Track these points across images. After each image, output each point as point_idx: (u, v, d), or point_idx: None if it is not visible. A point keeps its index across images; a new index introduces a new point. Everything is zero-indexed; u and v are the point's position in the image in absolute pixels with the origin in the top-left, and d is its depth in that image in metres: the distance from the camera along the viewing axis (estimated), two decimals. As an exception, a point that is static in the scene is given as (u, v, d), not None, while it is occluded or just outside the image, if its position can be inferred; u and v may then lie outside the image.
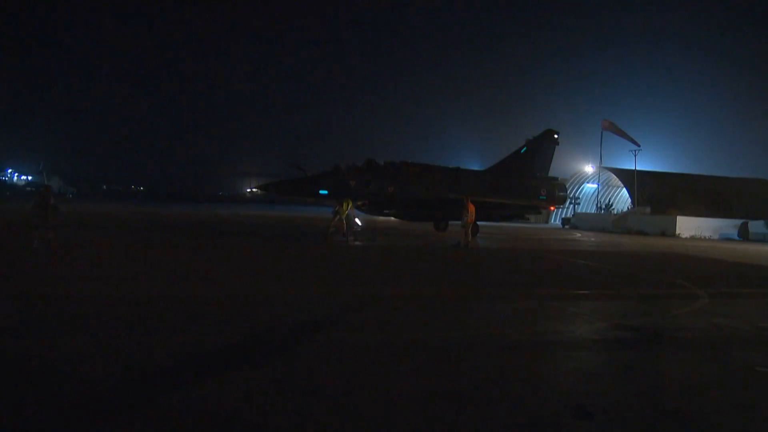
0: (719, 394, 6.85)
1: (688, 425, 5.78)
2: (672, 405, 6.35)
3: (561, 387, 6.86)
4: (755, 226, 54.39)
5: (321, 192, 33.61)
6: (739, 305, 13.97)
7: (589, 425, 5.59)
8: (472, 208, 28.32)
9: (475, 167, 46.70)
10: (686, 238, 51.48)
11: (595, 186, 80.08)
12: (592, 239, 44.36)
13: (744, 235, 54.07)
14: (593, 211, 75.23)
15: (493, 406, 6.00)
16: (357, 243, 27.82)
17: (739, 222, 55.74)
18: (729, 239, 53.07)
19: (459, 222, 29.58)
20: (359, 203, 35.25)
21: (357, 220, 31.67)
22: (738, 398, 6.71)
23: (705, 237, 53.30)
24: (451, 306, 12.25)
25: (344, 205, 28.44)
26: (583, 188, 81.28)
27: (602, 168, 76.12)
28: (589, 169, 78.70)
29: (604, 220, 66.95)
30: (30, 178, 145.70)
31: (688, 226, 54.88)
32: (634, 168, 71.17)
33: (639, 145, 73.09)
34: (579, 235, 51.64)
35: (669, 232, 54.42)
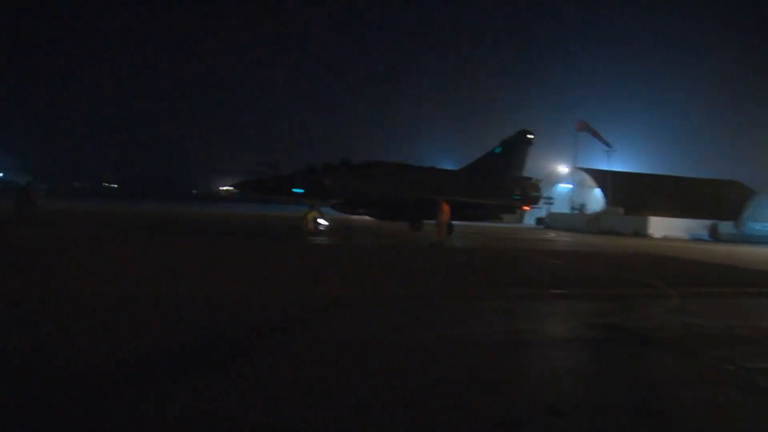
0: (690, 392, 6.88)
1: (659, 422, 5.81)
2: (643, 403, 6.37)
3: (535, 386, 6.85)
4: (725, 227, 55.26)
5: (296, 191, 33.47)
6: (710, 304, 14.08)
7: (562, 423, 5.59)
8: (446, 207, 28.35)
9: (450, 167, 46.78)
10: (658, 239, 52.05)
11: (569, 186, 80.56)
12: (567, 239, 44.64)
13: (714, 235, 54.85)
14: (567, 211, 75.67)
15: (466, 405, 5.96)
16: (324, 240, 27.73)
17: (709, 223, 56.55)
18: (700, 240, 53.77)
19: (434, 222, 29.61)
20: (333, 202, 35.32)
21: (323, 221, 32.10)
22: (708, 396, 6.76)
23: (676, 237, 53.93)
24: (426, 306, 12.14)
25: (308, 214, 29.10)
26: (557, 188, 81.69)
27: (576, 168, 76.63)
28: (563, 169, 79.18)
29: (578, 220, 67.47)
30: (1, 174, 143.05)
31: (660, 226, 55.53)
32: (607, 169, 71.72)
33: (612, 147, 73.75)
34: (553, 235, 51.97)
35: (641, 233, 55.03)
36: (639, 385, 7.15)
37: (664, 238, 52.36)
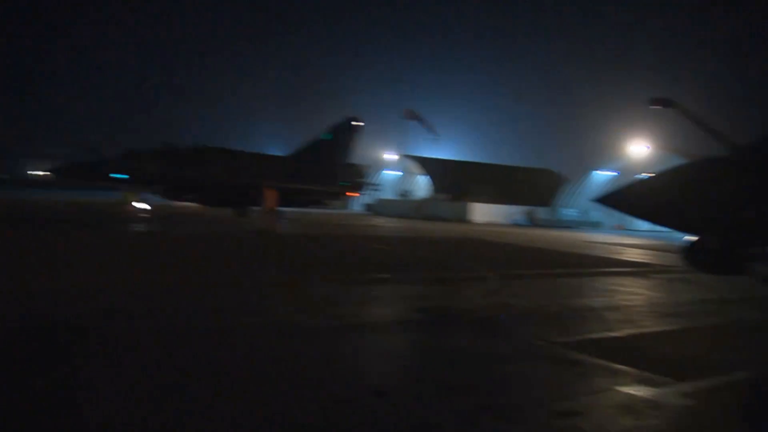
0: (504, 367, 7.10)
1: (474, 396, 5.92)
2: (462, 380, 6.53)
3: (360, 369, 6.92)
4: (541, 212, 59.00)
5: (117, 176, 31.44)
6: (524, 285, 14.59)
7: (384, 403, 5.65)
8: (272, 194, 27.68)
9: (280, 153, 46.04)
10: (480, 224, 54.43)
11: (397, 173, 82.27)
12: (393, 225, 45.41)
13: (531, 220, 58.31)
14: (395, 197, 77.25)
15: (293, 388, 5.89)
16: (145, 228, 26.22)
17: (527, 209, 60.05)
18: (518, 225, 56.90)
19: (260, 208, 28.84)
20: (157, 188, 33.64)
21: (143, 205, 30.54)
22: (520, 370, 7.03)
23: (497, 222, 56.71)
24: (250, 292, 11.68)
25: (127, 196, 27.36)
26: (384, 175, 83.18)
27: (403, 156, 78.37)
28: (391, 156, 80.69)
29: (405, 206, 68.99)
30: None
31: (482, 212, 58.19)
32: (433, 156, 74.00)
33: (437, 135, 76.11)
34: (381, 220, 52.77)
35: (465, 218, 57.25)
36: (458, 364, 7.25)
37: (486, 224, 54.84)
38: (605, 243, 34.36)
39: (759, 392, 6.94)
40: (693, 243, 10.80)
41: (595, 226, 59.24)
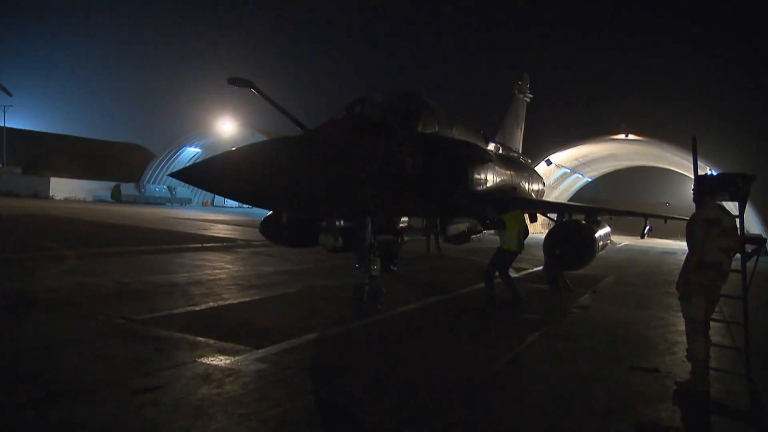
0: (80, 348, 6.83)
1: (44, 385, 5.45)
2: (27, 368, 6.07)
3: None
4: (127, 188, 56.88)
5: None
6: (106, 263, 13.96)
7: None
8: None
9: None
10: (61, 200, 50.53)
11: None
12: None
13: (117, 197, 55.89)
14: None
15: None
16: None
17: (112, 184, 57.37)
18: (103, 201, 54.19)
19: None
20: None
21: None
22: (98, 349, 6.81)
23: (80, 199, 53.29)
24: None
25: None
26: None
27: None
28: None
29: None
30: None
31: (62, 187, 54.02)
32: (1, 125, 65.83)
33: (11, 95, 67.40)
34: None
35: (42, 194, 52.47)
36: (32, 349, 6.75)
37: (67, 200, 51.13)
38: (192, 219, 34.80)
39: (322, 351, 7.74)
40: (267, 217, 11.61)
41: (183, 202, 59.58)
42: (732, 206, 7.91)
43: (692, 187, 7.27)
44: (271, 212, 11.34)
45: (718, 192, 7.15)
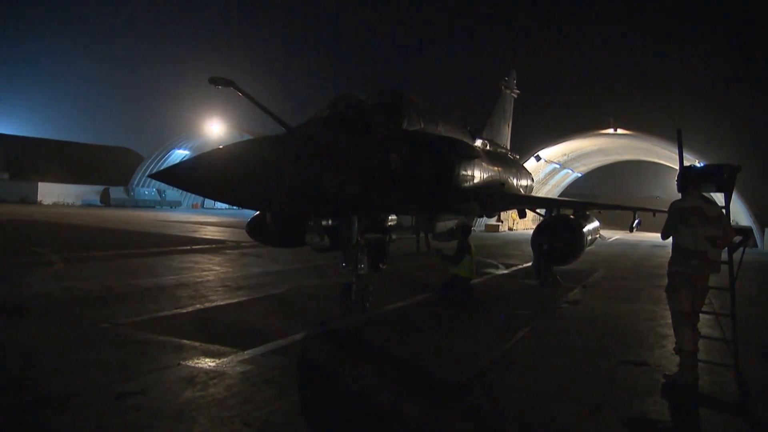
0: (65, 355, 6.69)
1: (25, 392, 5.44)
2: (12, 373, 6.08)
3: None
4: (116, 192, 56.57)
5: None
6: (94, 268, 13.86)
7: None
8: None
9: None
10: (49, 205, 50.18)
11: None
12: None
13: (106, 200, 55.60)
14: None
15: None
16: None
17: (101, 188, 57.04)
18: (92, 205, 53.86)
19: None
20: None
21: None
22: (85, 355, 6.70)
23: (68, 203, 52.93)
24: None
25: None
26: None
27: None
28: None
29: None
30: None
31: (51, 192, 53.64)
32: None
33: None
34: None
35: (30, 200, 52.08)
36: (15, 355, 6.76)
37: (55, 205, 50.81)
38: (182, 222, 34.66)
39: (308, 352, 7.68)
40: (254, 218, 11.50)
41: (173, 205, 59.27)
42: (720, 198, 7.88)
43: (676, 177, 7.25)
44: (257, 213, 11.24)
45: (702, 183, 7.12)
